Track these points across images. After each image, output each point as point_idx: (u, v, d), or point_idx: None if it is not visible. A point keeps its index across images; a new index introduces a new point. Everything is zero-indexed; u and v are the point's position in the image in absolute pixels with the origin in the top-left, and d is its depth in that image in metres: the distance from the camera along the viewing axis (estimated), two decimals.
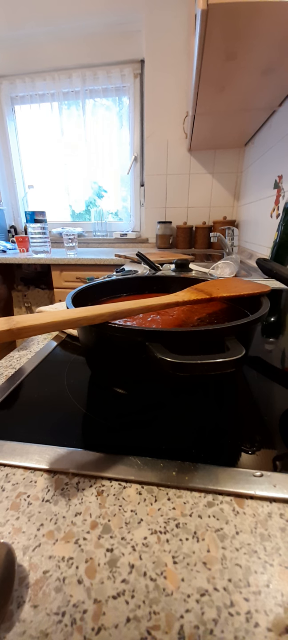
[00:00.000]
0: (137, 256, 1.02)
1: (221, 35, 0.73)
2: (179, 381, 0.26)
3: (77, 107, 2.01)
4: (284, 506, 0.18)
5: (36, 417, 0.27)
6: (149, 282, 0.48)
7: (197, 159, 1.87)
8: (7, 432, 0.25)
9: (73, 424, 0.26)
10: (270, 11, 0.65)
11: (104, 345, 0.28)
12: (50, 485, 0.20)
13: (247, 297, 0.33)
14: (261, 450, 0.22)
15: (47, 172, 2.19)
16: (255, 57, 0.82)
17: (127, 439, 0.24)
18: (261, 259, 0.52)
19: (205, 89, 1.02)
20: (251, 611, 0.13)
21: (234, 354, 0.19)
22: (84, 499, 0.19)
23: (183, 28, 1.57)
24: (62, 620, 0.13)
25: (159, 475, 0.20)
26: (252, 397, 0.30)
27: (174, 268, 0.89)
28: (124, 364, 0.27)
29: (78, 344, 0.43)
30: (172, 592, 0.14)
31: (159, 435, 0.24)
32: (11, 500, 0.19)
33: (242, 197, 1.81)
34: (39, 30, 1.79)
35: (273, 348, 0.43)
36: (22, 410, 0.28)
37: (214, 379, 0.28)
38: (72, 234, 1.67)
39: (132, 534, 0.17)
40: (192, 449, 0.22)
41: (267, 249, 1.23)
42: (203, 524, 0.17)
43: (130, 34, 1.76)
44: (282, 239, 0.91)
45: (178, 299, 0.30)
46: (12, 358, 0.39)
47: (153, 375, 0.25)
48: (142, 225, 2.11)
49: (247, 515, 0.18)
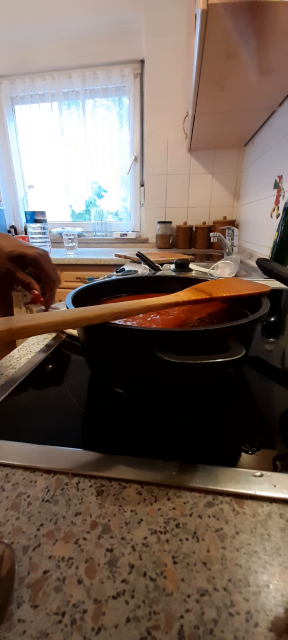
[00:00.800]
0: (137, 256, 1.02)
1: (221, 35, 0.73)
2: (179, 381, 0.26)
3: (77, 107, 2.01)
4: (284, 506, 0.18)
5: (36, 417, 0.27)
6: (149, 282, 0.48)
7: (197, 159, 1.87)
8: (7, 432, 0.25)
9: (73, 424, 0.26)
10: (270, 11, 0.65)
11: (104, 345, 0.28)
12: (50, 485, 0.20)
13: (247, 297, 0.33)
14: (261, 450, 0.22)
15: (47, 172, 2.19)
16: (255, 57, 0.83)
17: (127, 439, 0.24)
18: (261, 259, 0.52)
19: (205, 89, 1.02)
20: (251, 611, 0.13)
21: (234, 354, 0.19)
22: (84, 499, 0.19)
23: (183, 28, 1.57)
24: (62, 620, 0.13)
25: (159, 475, 0.20)
26: (252, 397, 0.30)
27: (174, 268, 0.89)
28: (123, 364, 0.27)
29: (78, 344, 0.43)
30: (172, 592, 0.14)
31: (159, 435, 0.24)
32: (11, 500, 0.19)
33: (242, 197, 1.81)
34: (39, 30, 1.79)
35: (273, 348, 0.43)
36: (22, 411, 0.28)
37: (214, 379, 0.28)
38: (72, 234, 1.67)
39: (132, 534, 0.17)
40: (192, 449, 0.22)
41: (267, 249, 1.23)
42: (203, 524, 0.17)
43: (130, 34, 1.76)
44: (282, 239, 0.91)
45: (178, 299, 0.30)
46: (12, 358, 0.39)
47: (153, 375, 0.25)
48: (142, 225, 2.11)
49: (247, 516, 0.18)
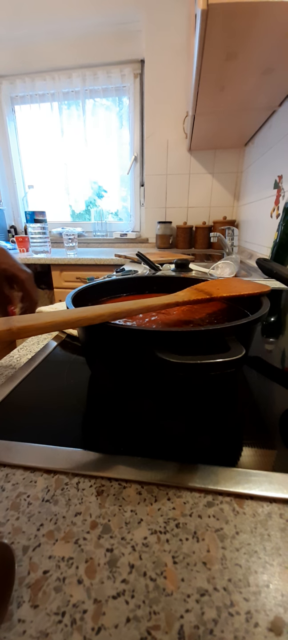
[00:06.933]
0: (137, 256, 1.02)
1: (221, 35, 0.73)
2: (179, 381, 0.26)
3: (77, 107, 2.01)
4: (284, 506, 0.18)
5: (36, 417, 0.27)
6: (149, 282, 0.48)
7: (197, 159, 1.86)
8: (7, 432, 0.25)
9: (73, 424, 0.26)
10: (270, 11, 0.65)
11: (104, 345, 0.28)
12: (50, 485, 0.20)
13: (247, 297, 0.33)
14: (261, 450, 0.22)
15: (47, 172, 2.19)
16: (255, 57, 0.82)
17: (127, 439, 0.24)
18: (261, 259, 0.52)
19: (205, 89, 1.02)
20: (251, 611, 0.13)
21: (234, 354, 0.19)
22: (84, 499, 0.19)
23: (183, 28, 1.57)
24: (62, 620, 0.13)
25: (159, 475, 0.20)
26: (252, 397, 0.30)
27: (174, 268, 0.89)
28: (123, 364, 0.27)
29: (78, 344, 0.43)
30: (172, 592, 0.14)
31: (159, 435, 0.24)
32: (11, 500, 0.19)
33: (242, 197, 1.81)
34: (39, 30, 1.79)
35: (273, 348, 0.43)
36: (22, 410, 0.28)
37: (214, 378, 0.28)
38: (72, 234, 1.67)
39: (132, 534, 0.17)
40: (192, 449, 0.22)
41: (267, 249, 1.23)
42: (203, 524, 0.17)
43: (130, 34, 1.76)
44: (282, 239, 0.91)
45: (178, 299, 0.30)
46: (12, 358, 0.39)
47: (154, 375, 0.25)
48: (142, 225, 2.11)
49: (247, 515, 0.18)
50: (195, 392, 0.28)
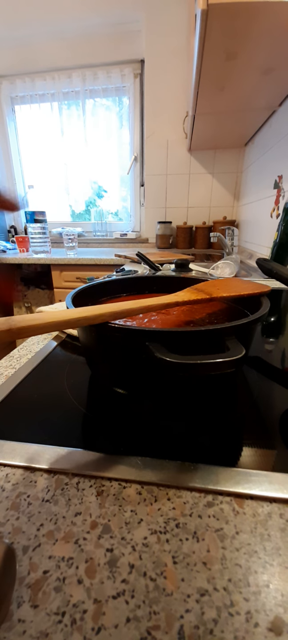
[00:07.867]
0: (137, 256, 1.02)
1: (221, 35, 0.73)
2: (179, 381, 0.26)
3: (77, 107, 2.01)
4: (284, 506, 0.18)
5: (36, 417, 0.27)
6: (149, 282, 0.48)
7: (197, 159, 1.87)
8: (7, 432, 0.25)
9: (73, 424, 0.26)
10: (270, 11, 0.65)
11: (104, 345, 0.28)
12: (50, 485, 0.20)
13: (247, 297, 0.33)
14: (261, 450, 0.22)
15: (47, 172, 2.19)
16: (255, 57, 0.83)
17: (127, 439, 0.24)
18: (261, 259, 0.52)
19: (205, 89, 1.02)
20: (251, 611, 0.13)
21: (234, 354, 0.19)
22: (84, 499, 0.19)
23: (183, 28, 1.57)
24: (62, 620, 0.13)
25: (159, 475, 0.20)
26: (252, 397, 0.30)
27: (174, 268, 0.89)
28: (123, 364, 0.27)
29: (78, 344, 0.43)
30: (172, 592, 0.14)
31: (159, 435, 0.24)
32: (11, 500, 0.19)
33: (242, 197, 1.81)
34: (39, 30, 1.79)
35: (273, 348, 0.43)
36: (22, 410, 0.28)
37: (214, 379, 0.28)
38: (72, 234, 1.67)
39: (132, 534, 0.17)
40: (192, 449, 0.22)
41: (267, 249, 1.23)
42: (203, 524, 0.17)
43: (130, 34, 1.76)
44: (282, 239, 0.91)
45: (178, 299, 0.30)
46: (12, 358, 0.39)
47: (153, 375, 0.25)
48: (142, 225, 2.11)
49: (247, 515, 0.18)
50: (195, 392, 0.28)
